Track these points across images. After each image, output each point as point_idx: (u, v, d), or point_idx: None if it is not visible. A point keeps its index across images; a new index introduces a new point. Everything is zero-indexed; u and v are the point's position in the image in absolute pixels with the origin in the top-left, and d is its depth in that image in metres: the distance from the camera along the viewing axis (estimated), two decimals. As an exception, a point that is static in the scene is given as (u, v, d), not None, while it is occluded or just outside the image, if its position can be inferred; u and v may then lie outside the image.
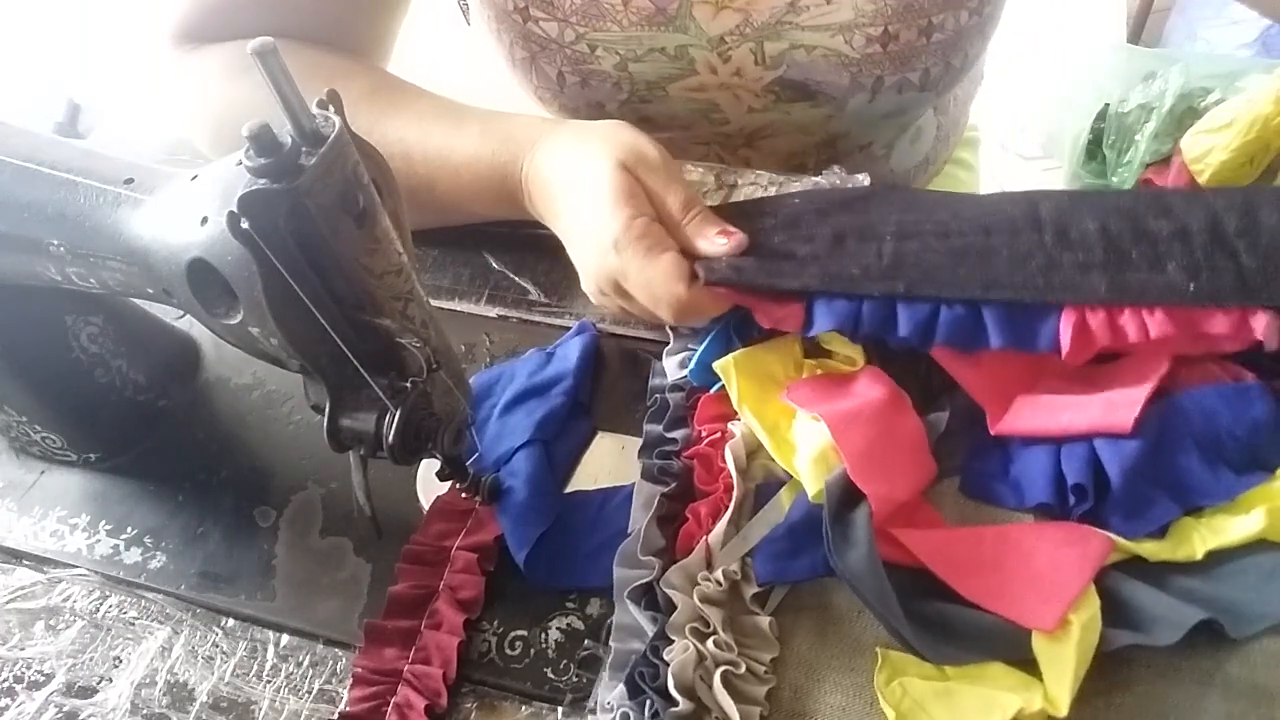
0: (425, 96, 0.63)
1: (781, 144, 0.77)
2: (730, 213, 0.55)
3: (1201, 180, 1.21)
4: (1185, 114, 1.31)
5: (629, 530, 0.50)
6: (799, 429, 0.50)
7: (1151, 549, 0.45)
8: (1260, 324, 0.47)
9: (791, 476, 0.49)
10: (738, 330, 0.54)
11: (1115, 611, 0.43)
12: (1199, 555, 0.45)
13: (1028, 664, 0.43)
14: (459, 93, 0.64)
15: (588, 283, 0.54)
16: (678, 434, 0.53)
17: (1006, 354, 0.49)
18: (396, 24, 0.71)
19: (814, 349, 0.55)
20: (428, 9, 0.75)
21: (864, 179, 0.68)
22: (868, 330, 0.49)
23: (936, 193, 0.57)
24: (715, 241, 0.51)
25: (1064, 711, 0.41)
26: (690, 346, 0.55)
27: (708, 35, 0.67)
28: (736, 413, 0.51)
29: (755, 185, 0.68)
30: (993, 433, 0.50)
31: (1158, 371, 0.49)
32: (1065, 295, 0.48)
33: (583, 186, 0.53)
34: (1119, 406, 0.48)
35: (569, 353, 0.58)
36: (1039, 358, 0.50)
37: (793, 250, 0.52)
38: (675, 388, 0.54)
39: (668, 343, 0.57)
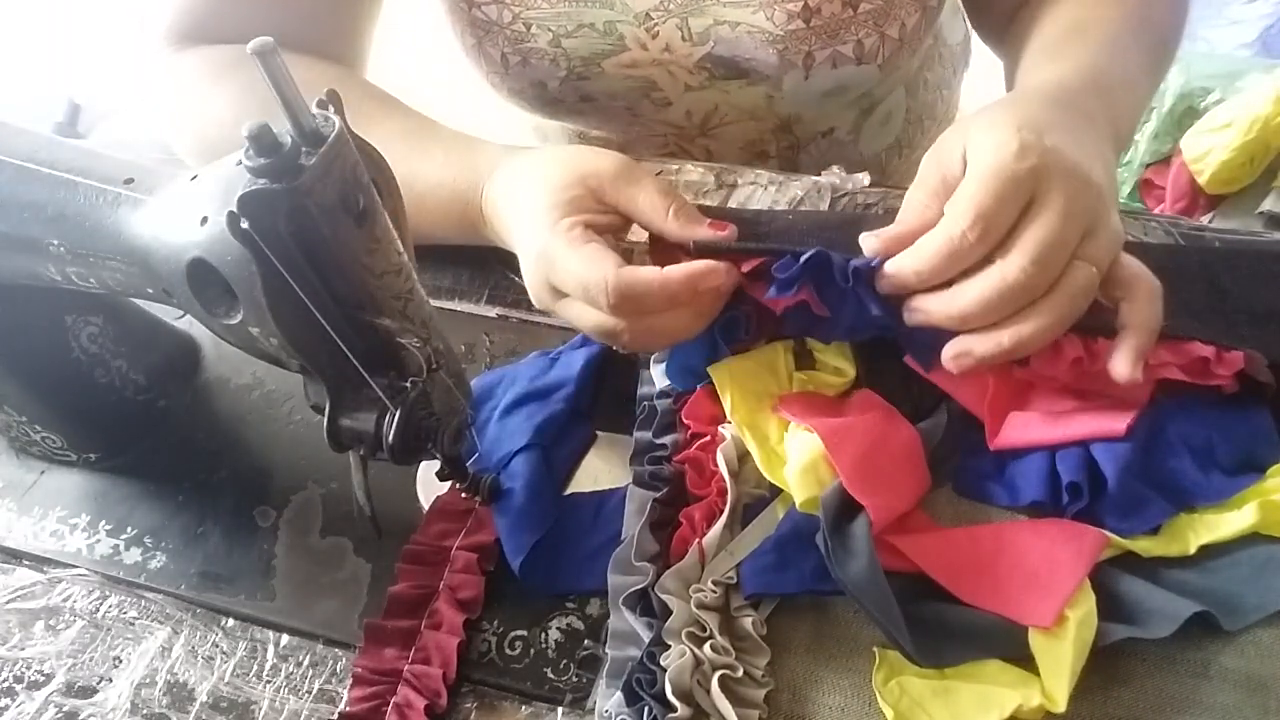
0: (398, 114, 0.63)
1: (736, 132, 0.77)
2: (723, 217, 0.55)
3: (1201, 180, 1.21)
4: (1185, 114, 1.31)
5: (623, 536, 0.50)
6: (790, 441, 0.50)
7: (1145, 545, 0.46)
8: (1239, 355, 0.48)
9: (781, 490, 0.49)
10: (723, 333, 0.52)
11: (1110, 606, 0.44)
12: (1192, 551, 0.46)
13: (1025, 661, 0.43)
14: (441, 90, 0.64)
15: (531, 292, 0.52)
16: (667, 439, 0.53)
17: (998, 372, 0.50)
18: (371, 32, 0.73)
19: (804, 360, 0.55)
20: (408, 10, 0.76)
21: (864, 179, 0.68)
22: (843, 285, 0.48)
23: None
24: (713, 233, 0.50)
25: (1062, 707, 0.41)
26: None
27: (633, 11, 0.68)
28: (725, 414, 0.51)
29: (755, 184, 0.68)
30: (991, 448, 0.50)
31: (1148, 388, 0.49)
32: None
33: (525, 203, 0.53)
34: (1113, 416, 0.48)
35: (573, 360, 0.58)
36: (1028, 376, 0.50)
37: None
38: (663, 394, 0.55)
39: None
